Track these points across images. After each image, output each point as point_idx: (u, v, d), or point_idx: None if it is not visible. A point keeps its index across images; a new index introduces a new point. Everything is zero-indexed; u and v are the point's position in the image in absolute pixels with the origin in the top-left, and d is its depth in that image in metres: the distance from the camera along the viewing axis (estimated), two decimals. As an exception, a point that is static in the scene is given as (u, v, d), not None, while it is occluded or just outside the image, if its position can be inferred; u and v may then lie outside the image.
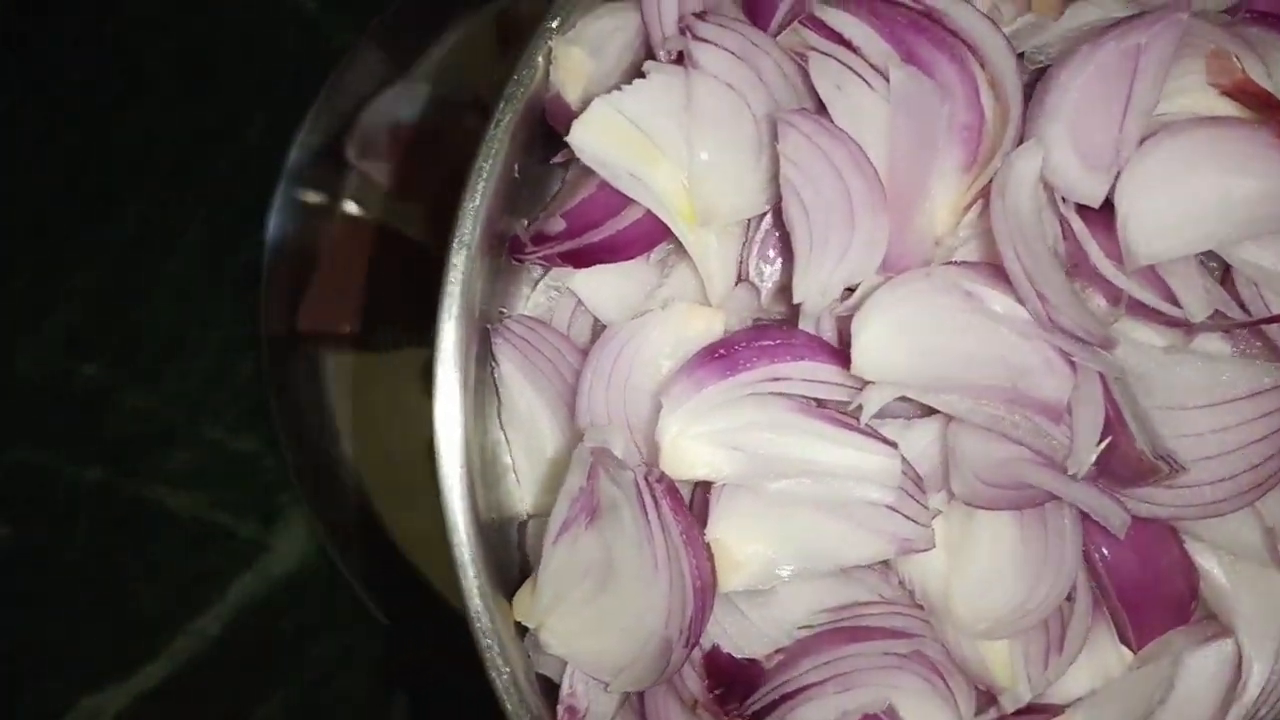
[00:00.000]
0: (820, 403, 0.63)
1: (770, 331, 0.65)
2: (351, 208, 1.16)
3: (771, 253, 0.67)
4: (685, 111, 0.65)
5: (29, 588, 1.20)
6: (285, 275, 1.11)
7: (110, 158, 1.21)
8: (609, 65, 0.68)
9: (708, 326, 0.66)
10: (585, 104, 0.66)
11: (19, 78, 1.22)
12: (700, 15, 0.65)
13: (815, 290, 0.62)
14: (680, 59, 0.66)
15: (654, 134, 0.65)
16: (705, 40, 0.64)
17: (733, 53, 0.64)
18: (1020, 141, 0.61)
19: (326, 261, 1.12)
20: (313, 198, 1.14)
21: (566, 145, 0.67)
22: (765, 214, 0.67)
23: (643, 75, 0.66)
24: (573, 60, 0.68)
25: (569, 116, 0.67)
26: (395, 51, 1.14)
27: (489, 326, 0.69)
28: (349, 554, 1.11)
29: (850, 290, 0.63)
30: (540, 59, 0.67)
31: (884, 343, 0.60)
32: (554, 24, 0.67)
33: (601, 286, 0.70)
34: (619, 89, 0.65)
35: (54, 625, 1.20)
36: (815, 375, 0.62)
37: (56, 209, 1.21)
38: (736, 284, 0.67)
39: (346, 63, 1.10)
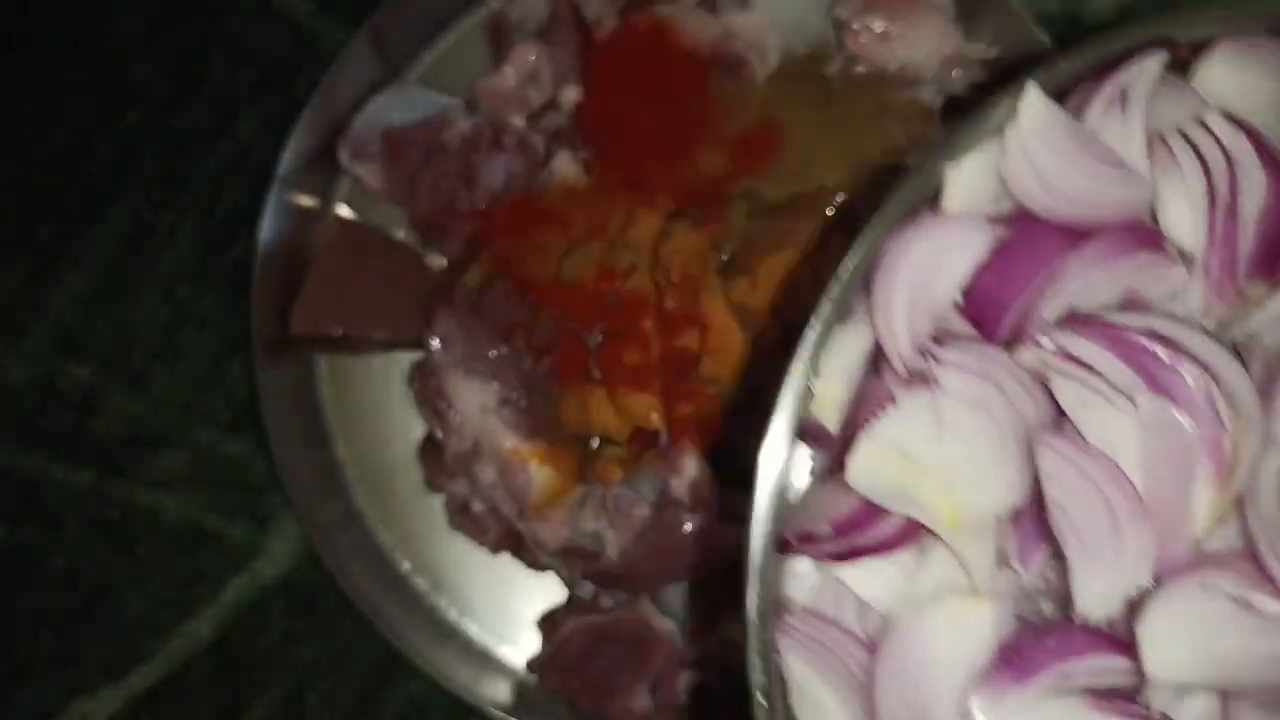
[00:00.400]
0: (1107, 692, 0.66)
1: (1050, 630, 0.68)
2: (344, 211, 1.16)
3: (1029, 536, 0.70)
4: (934, 427, 0.68)
5: (19, 591, 1.20)
6: (276, 278, 1.11)
7: (102, 159, 1.21)
8: (856, 386, 0.71)
9: (980, 619, 0.68)
10: (841, 428, 0.70)
11: (10, 79, 1.21)
12: (937, 339, 0.68)
13: (1095, 602, 0.66)
14: (921, 376, 0.69)
15: (911, 454, 0.68)
16: (946, 363, 0.67)
17: (973, 372, 0.67)
18: (1263, 449, 0.65)
19: (318, 264, 1.12)
20: (304, 201, 1.14)
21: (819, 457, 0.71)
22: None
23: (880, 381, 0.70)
24: (828, 394, 0.70)
25: (829, 440, 0.70)
26: (387, 55, 1.14)
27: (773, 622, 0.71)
28: (339, 556, 1.12)
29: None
30: (796, 396, 0.69)
31: (1168, 648, 0.65)
32: (806, 364, 0.70)
33: (868, 576, 0.71)
34: (876, 418, 0.68)
35: (45, 629, 1.20)
36: (1101, 668, 0.66)
37: (47, 211, 1.20)
38: (999, 569, 0.69)
39: (338, 66, 1.10)
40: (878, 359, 0.71)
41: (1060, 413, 0.67)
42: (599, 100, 1.10)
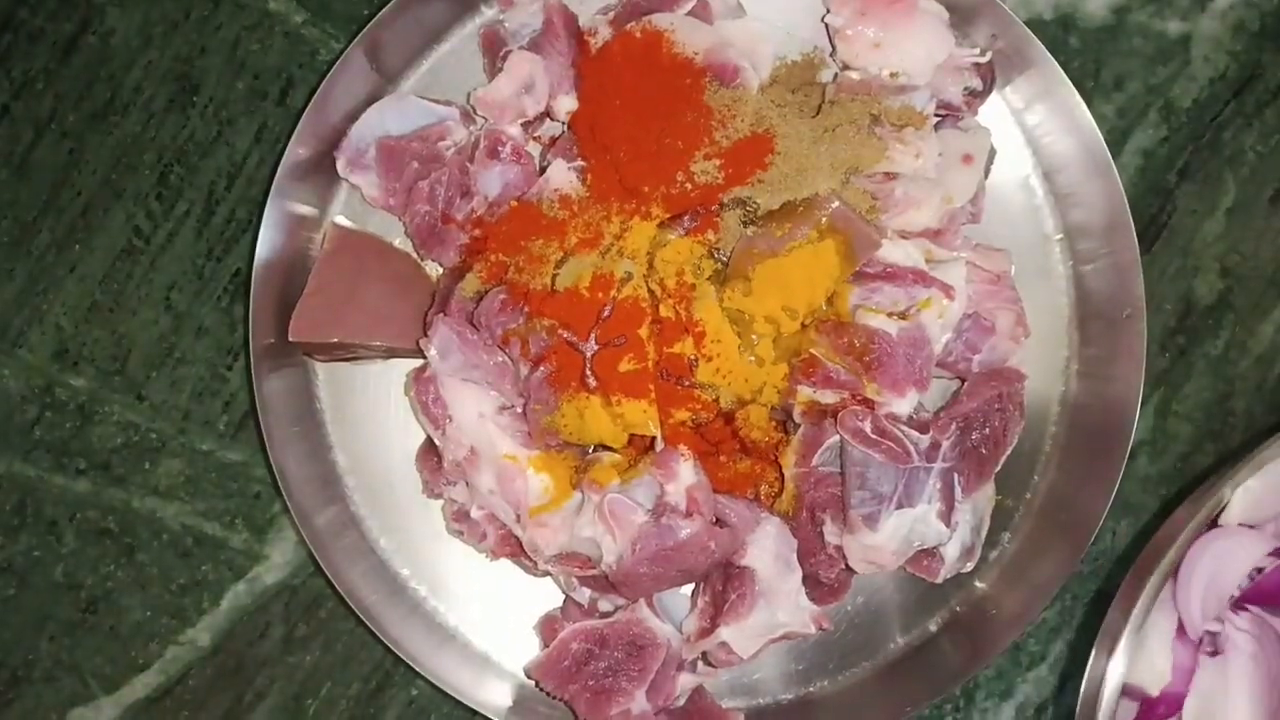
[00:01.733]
0: None
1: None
2: (341, 219, 1.16)
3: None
4: (1224, 686, 0.96)
5: (18, 600, 1.20)
6: (274, 286, 1.12)
7: (97, 169, 1.21)
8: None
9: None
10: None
11: (3, 89, 1.21)
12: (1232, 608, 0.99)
13: None
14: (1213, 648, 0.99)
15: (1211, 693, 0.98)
16: (1238, 630, 0.96)
17: (1251, 634, 0.98)
18: None
19: (316, 273, 1.12)
20: (302, 209, 1.14)
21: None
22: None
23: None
24: (1152, 666, 0.98)
25: (1149, 700, 1.00)
26: (383, 64, 1.14)
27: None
28: (338, 562, 1.12)
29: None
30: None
31: None
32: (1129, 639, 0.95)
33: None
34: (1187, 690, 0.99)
35: (44, 637, 1.20)
36: None
37: (44, 220, 1.21)
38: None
39: (334, 75, 1.10)
40: (1182, 637, 0.98)
41: None
42: (594, 109, 1.10)
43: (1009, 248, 1.13)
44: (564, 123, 1.13)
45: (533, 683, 1.11)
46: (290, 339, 1.10)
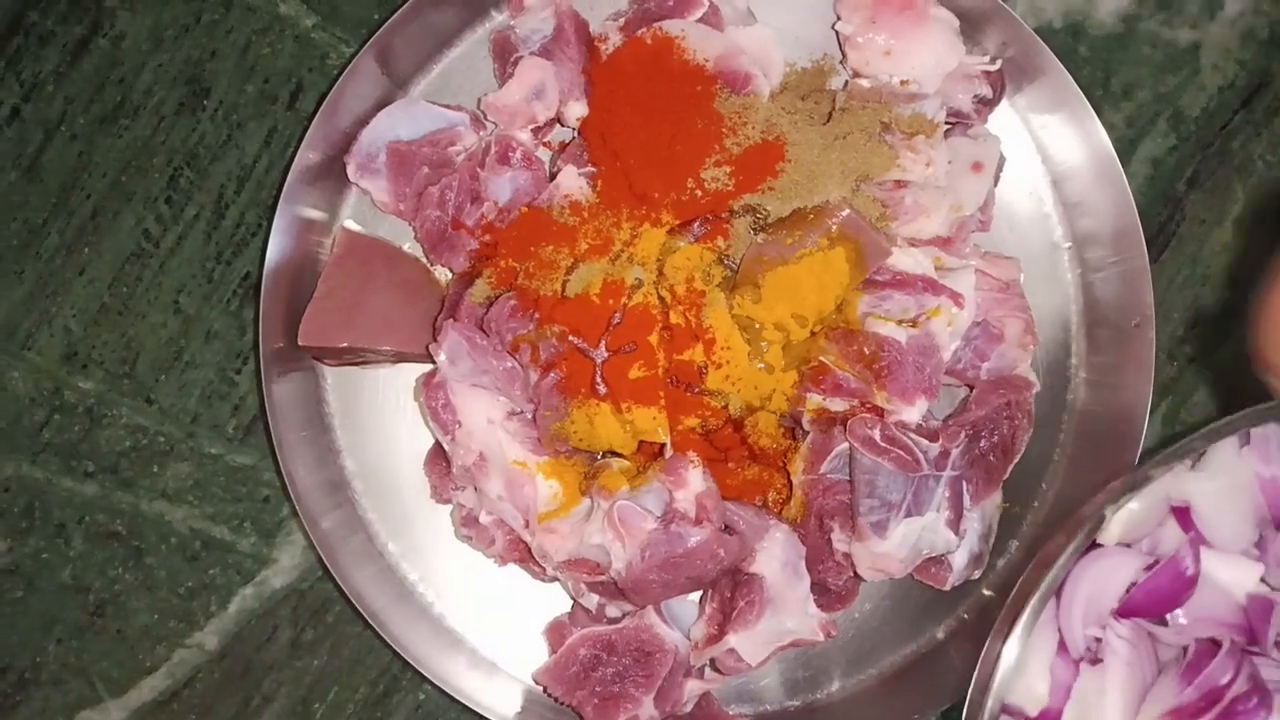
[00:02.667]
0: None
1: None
2: (351, 224, 1.16)
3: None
4: (1100, 677, 0.93)
5: (26, 602, 1.20)
6: (284, 291, 1.12)
7: (107, 172, 1.21)
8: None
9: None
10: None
11: (13, 92, 1.21)
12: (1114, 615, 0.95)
13: None
14: (1092, 658, 0.95)
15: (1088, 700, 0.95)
16: (1118, 637, 0.93)
17: (1129, 641, 0.94)
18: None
19: (326, 277, 1.12)
20: (312, 213, 1.14)
21: None
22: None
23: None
24: (1031, 688, 0.95)
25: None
26: (393, 69, 1.14)
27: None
28: (346, 567, 1.12)
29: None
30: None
31: None
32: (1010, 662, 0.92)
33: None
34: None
35: (52, 640, 1.20)
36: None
37: (53, 223, 1.21)
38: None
39: (345, 80, 1.10)
40: (1063, 654, 0.95)
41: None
42: (604, 116, 1.10)
43: (1018, 255, 1.14)
44: (574, 129, 1.13)
45: (540, 688, 1.11)
46: (300, 343, 1.10)
